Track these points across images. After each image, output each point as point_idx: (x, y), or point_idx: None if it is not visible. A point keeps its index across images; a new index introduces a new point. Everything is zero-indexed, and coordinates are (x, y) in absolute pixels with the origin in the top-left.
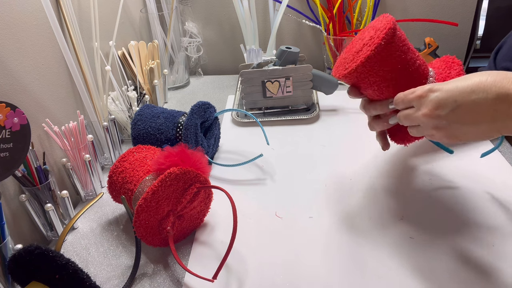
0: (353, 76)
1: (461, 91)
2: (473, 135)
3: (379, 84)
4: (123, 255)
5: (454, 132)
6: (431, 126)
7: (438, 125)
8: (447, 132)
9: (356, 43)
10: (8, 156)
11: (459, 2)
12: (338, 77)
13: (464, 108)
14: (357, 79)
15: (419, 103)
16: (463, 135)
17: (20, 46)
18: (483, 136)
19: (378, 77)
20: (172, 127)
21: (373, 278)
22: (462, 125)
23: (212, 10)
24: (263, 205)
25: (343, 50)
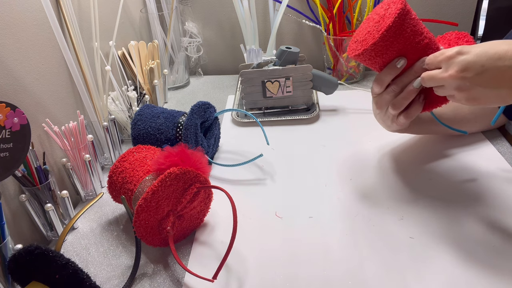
0: (378, 46)
1: (489, 57)
2: (492, 99)
3: (396, 55)
4: (123, 255)
5: (475, 95)
6: (454, 87)
7: (461, 86)
8: (468, 94)
9: (366, 24)
10: (8, 156)
11: (459, 2)
12: (360, 51)
13: (490, 73)
14: (378, 51)
15: (447, 64)
16: (483, 98)
17: (20, 46)
18: (501, 100)
19: (400, 46)
20: (172, 127)
21: (373, 278)
22: (484, 89)
23: (212, 10)
24: (263, 205)
25: (355, 33)
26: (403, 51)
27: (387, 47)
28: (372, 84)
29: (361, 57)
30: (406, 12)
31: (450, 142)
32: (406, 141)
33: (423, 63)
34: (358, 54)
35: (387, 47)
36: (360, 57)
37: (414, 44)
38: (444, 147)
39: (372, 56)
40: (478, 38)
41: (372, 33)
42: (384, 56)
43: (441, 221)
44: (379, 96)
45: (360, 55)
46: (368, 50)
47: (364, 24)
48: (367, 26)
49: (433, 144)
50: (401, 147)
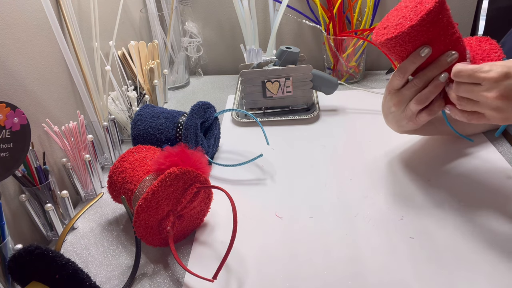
0: (415, 30)
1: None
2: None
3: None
4: (123, 255)
5: (511, 116)
6: (494, 107)
7: (501, 108)
8: (505, 115)
9: (399, 11)
10: (8, 156)
11: (459, 2)
12: (395, 34)
13: None
14: (412, 37)
15: (492, 85)
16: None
17: (20, 46)
18: None
19: (434, 33)
20: (172, 127)
21: (373, 278)
22: None
23: (212, 10)
24: (263, 205)
25: (383, 20)
26: (434, 40)
27: (422, 33)
28: (392, 77)
29: (392, 42)
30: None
31: (450, 143)
32: (406, 141)
33: (448, 57)
34: (391, 38)
35: (422, 33)
36: (391, 42)
37: (447, 35)
38: (444, 147)
39: (405, 42)
40: None
41: (409, 17)
42: (416, 43)
43: (441, 221)
44: (398, 92)
45: (392, 38)
46: (404, 33)
47: (395, 11)
48: (400, 12)
49: (433, 145)
50: (401, 147)
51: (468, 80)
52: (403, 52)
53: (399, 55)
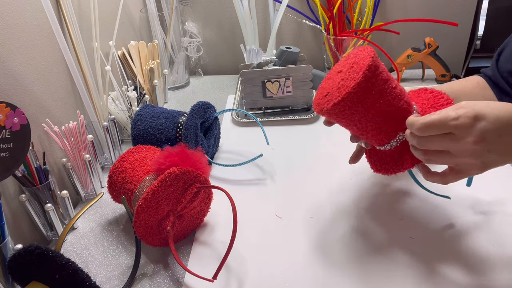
0: (336, 110)
1: (505, 124)
2: (503, 163)
3: (362, 120)
4: (123, 255)
5: (489, 162)
6: (470, 153)
7: (478, 153)
8: (482, 161)
9: (333, 75)
10: (8, 156)
11: (459, 2)
12: (318, 112)
13: (506, 140)
14: (338, 115)
15: (464, 131)
16: (494, 164)
17: (20, 46)
18: (510, 163)
19: (361, 113)
20: (172, 127)
21: (373, 278)
22: (499, 156)
23: (212, 10)
24: (263, 205)
25: (319, 89)
26: (382, 93)
27: (368, 89)
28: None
29: (340, 106)
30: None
31: None
32: None
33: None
34: (338, 102)
35: (368, 89)
36: (339, 106)
37: (391, 89)
38: None
39: (353, 103)
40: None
41: (350, 77)
42: (365, 102)
43: (441, 221)
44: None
45: (340, 102)
46: (350, 93)
47: (329, 80)
48: (336, 78)
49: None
50: None
51: (437, 131)
52: (353, 114)
53: (350, 119)
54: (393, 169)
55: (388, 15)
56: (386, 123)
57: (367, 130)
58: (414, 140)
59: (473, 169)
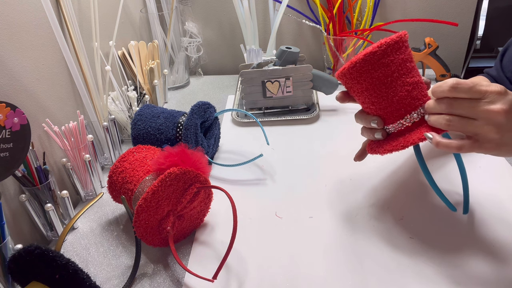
0: (350, 74)
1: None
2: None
3: (366, 92)
4: (123, 255)
5: (506, 140)
6: (494, 123)
7: (501, 126)
8: (502, 136)
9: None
10: (8, 156)
11: (459, 2)
12: (337, 76)
13: None
14: (353, 80)
15: (495, 97)
16: (510, 145)
17: (20, 46)
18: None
19: (368, 83)
20: (172, 127)
21: (373, 278)
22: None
23: (212, 10)
24: (263, 205)
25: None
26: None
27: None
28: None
29: (352, 71)
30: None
31: None
32: None
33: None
34: (346, 68)
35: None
36: (349, 71)
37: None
38: None
39: (373, 66)
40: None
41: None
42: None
43: (441, 221)
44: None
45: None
46: (372, 53)
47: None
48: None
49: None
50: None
51: (467, 94)
52: (370, 79)
53: (369, 83)
54: (396, 145)
55: (388, 15)
56: (403, 97)
57: (382, 99)
58: (442, 104)
59: (491, 144)
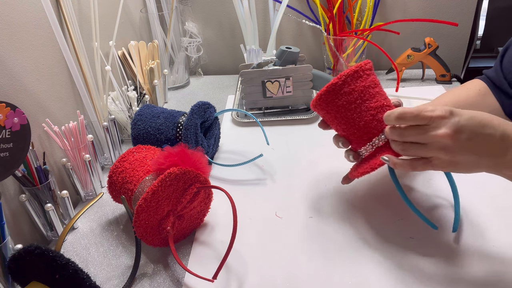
0: (319, 105)
1: (477, 124)
2: (472, 166)
3: (336, 120)
4: (123, 255)
5: (459, 160)
6: (442, 147)
7: (449, 148)
8: (452, 157)
9: None
10: (8, 156)
11: (459, 2)
12: (311, 107)
13: (479, 139)
14: (323, 110)
15: (439, 122)
16: (464, 164)
17: (20, 46)
18: (477, 169)
19: (334, 112)
20: (172, 127)
21: (373, 278)
22: (470, 155)
23: (212, 10)
24: (263, 205)
25: None
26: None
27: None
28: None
29: (319, 102)
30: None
31: None
32: None
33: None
34: (314, 100)
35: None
36: (318, 103)
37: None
38: None
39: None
40: (478, 38)
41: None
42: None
43: (441, 221)
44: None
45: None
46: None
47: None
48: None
49: None
50: None
51: (413, 122)
52: (335, 108)
53: (335, 112)
54: (366, 168)
55: (388, 15)
56: (369, 121)
57: (350, 125)
58: (395, 132)
59: (443, 164)
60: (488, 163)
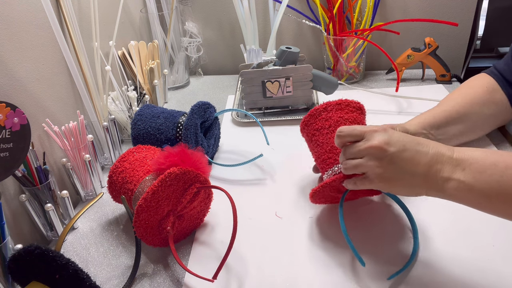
0: (302, 129)
1: (410, 140)
2: (405, 183)
3: (311, 143)
4: (123, 255)
5: (391, 174)
6: (375, 158)
7: (381, 159)
8: (384, 171)
9: None
10: (8, 156)
11: (459, 2)
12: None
13: (409, 154)
14: (304, 133)
15: (372, 135)
16: (395, 179)
17: (20, 46)
18: (412, 189)
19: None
20: (172, 127)
21: (373, 278)
22: (400, 169)
23: (212, 10)
24: (263, 205)
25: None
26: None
27: None
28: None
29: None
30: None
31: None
32: None
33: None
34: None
35: None
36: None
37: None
38: None
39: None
40: (478, 38)
41: None
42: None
43: (441, 221)
44: None
45: None
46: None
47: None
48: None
49: None
50: None
51: (350, 137)
52: (309, 139)
53: (309, 142)
54: (330, 198)
55: (388, 15)
56: (332, 150)
57: (317, 149)
58: (342, 154)
59: (377, 177)
60: (421, 184)
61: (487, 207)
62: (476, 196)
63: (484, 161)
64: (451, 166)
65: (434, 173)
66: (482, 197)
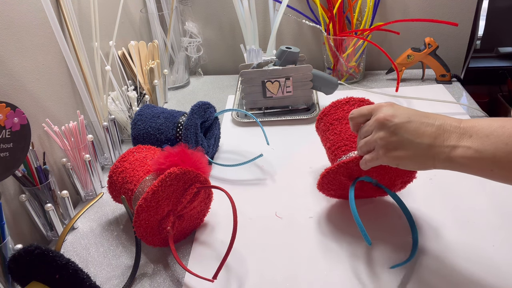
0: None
1: (416, 113)
2: (411, 155)
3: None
4: (123, 255)
5: (395, 145)
6: (380, 130)
7: (386, 130)
8: (389, 142)
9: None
10: (8, 156)
11: (459, 2)
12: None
13: (414, 125)
14: (319, 131)
15: (378, 110)
16: (402, 151)
17: (20, 46)
18: (419, 161)
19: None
20: (172, 127)
21: (373, 278)
22: (404, 140)
23: (212, 10)
24: (263, 205)
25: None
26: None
27: None
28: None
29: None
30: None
31: None
32: None
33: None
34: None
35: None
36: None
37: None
38: None
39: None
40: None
41: None
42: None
43: (441, 221)
44: None
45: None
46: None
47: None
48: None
49: None
50: None
51: (362, 117)
52: (323, 131)
53: (323, 135)
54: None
55: (388, 15)
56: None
57: (333, 142)
58: (359, 137)
59: (381, 147)
60: (428, 154)
61: (499, 174)
62: (486, 163)
63: (490, 125)
64: (457, 134)
65: (440, 142)
66: (492, 163)
